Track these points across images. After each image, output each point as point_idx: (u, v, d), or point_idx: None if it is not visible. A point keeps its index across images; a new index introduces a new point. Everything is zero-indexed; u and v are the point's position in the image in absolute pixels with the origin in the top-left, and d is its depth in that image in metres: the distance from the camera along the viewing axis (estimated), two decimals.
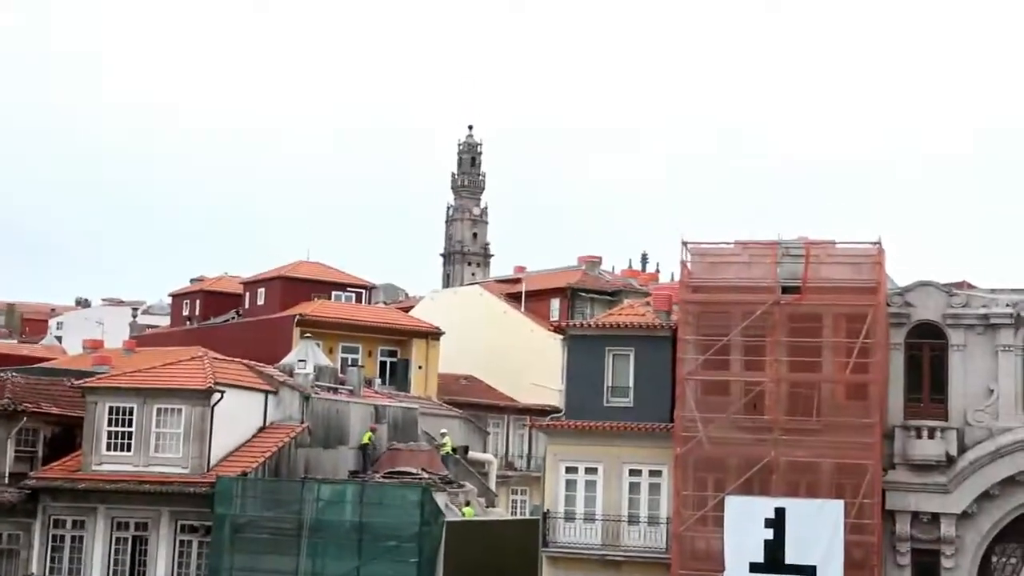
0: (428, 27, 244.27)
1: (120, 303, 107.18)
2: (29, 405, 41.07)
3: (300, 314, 56.02)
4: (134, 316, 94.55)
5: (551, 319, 61.58)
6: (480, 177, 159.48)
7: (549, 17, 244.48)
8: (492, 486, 49.26)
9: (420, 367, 58.22)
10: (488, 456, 52.11)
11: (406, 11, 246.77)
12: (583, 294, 64.56)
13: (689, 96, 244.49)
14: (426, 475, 42.34)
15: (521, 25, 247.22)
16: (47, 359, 61.38)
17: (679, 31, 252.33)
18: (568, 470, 37.94)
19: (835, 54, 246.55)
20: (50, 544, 39.93)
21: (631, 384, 37.81)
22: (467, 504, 41.47)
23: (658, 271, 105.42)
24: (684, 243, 36.87)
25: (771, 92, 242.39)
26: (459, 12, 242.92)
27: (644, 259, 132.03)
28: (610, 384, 38.04)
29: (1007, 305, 35.80)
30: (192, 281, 74.39)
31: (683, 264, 37.07)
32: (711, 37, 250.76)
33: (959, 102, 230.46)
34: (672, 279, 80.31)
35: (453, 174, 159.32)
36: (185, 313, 67.19)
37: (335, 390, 46.39)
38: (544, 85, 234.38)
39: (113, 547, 39.51)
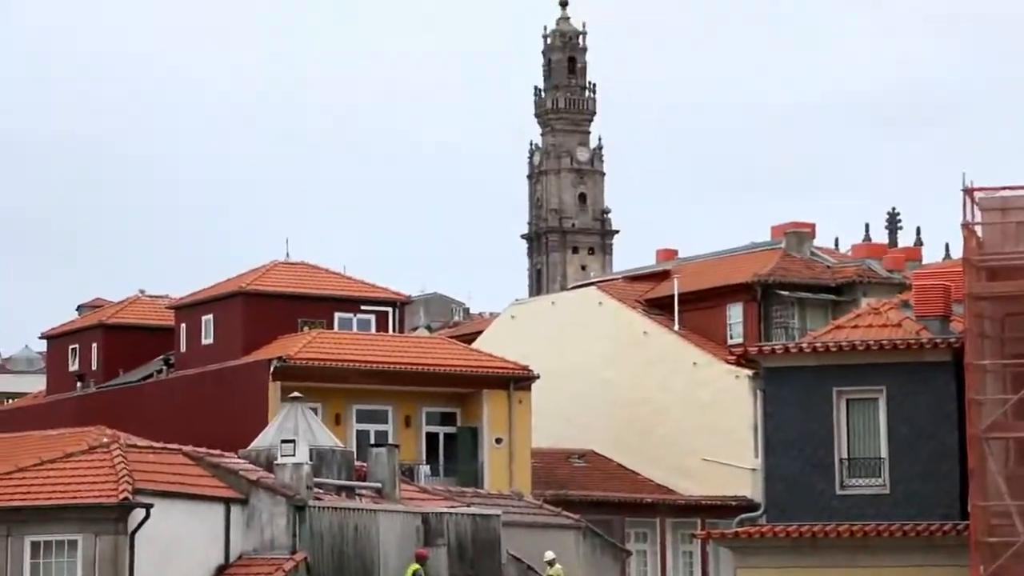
0: None
1: None
2: None
3: (280, 356, 56.57)
4: None
5: (729, 341, 62.08)
6: (587, 93, 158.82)
7: None
8: None
9: (499, 440, 59.10)
10: None
11: None
12: (784, 293, 65.12)
13: None
14: None
15: None
16: None
17: None
18: None
19: None
20: None
21: (883, 453, 38.87)
22: None
23: (920, 243, 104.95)
24: (967, 191, 37.25)
25: None
26: None
27: (893, 220, 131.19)
28: (845, 455, 39.16)
29: None
30: (81, 311, 74.78)
31: (967, 228, 37.54)
32: None
33: None
34: (947, 256, 79.52)
35: (538, 89, 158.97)
36: (73, 368, 67.85)
37: (349, 491, 46.66)
38: None
39: None
